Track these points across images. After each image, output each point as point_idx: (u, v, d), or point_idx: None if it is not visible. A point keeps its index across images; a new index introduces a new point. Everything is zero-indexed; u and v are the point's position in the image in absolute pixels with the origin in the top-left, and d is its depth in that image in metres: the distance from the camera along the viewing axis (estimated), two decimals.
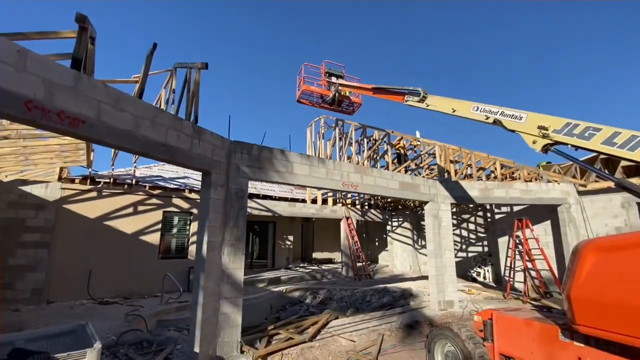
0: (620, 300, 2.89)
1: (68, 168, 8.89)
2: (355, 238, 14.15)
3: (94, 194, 9.12)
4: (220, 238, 4.88)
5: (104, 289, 8.74)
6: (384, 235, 18.00)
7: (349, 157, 14.93)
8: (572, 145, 4.38)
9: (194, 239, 10.49)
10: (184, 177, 12.44)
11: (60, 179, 8.69)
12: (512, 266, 9.87)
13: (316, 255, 18.48)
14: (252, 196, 12.31)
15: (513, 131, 5.14)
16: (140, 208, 9.79)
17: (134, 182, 9.75)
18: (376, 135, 13.92)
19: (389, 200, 15.62)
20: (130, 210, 9.62)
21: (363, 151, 14.47)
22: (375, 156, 14.37)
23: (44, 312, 7.22)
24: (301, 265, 16.10)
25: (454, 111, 5.79)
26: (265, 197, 12.84)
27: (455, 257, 10.30)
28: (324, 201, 14.43)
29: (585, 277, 3.23)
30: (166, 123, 4.20)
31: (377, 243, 19.26)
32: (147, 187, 9.97)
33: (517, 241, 10.09)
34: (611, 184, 8.34)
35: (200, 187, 10.72)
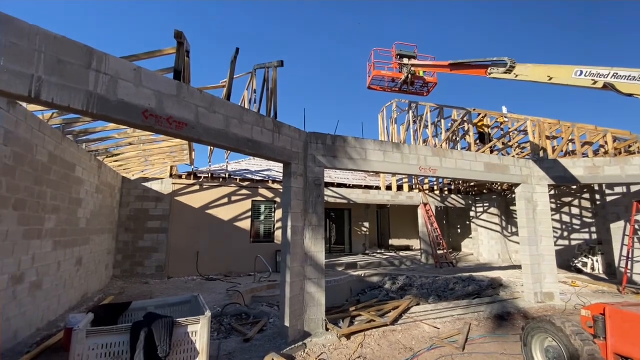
0: None
1: (176, 166, 10.56)
2: (435, 224, 13.55)
3: (196, 187, 10.64)
4: (302, 223, 5.25)
5: (208, 267, 10.22)
6: (467, 222, 16.78)
7: (424, 141, 14.23)
8: None
9: (278, 224, 11.44)
10: (267, 170, 13.52)
11: (171, 175, 10.37)
12: (630, 256, 8.30)
13: (392, 241, 18.27)
14: (327, 184, 12.74)
15: (630, 95, 4.33)
16: (233, 198, 11.09)
17: (227, 176, 11.08)
18: (455, 114, 12.93)
19: (472, 184, 14.45)
20: (225, 200, 10.97)
21: (440, 133, 13.63)
22: (454, 137, 13.38)
23: (165, 285, 8.80)
24: (378, 251, 16.13)
25: (550, 79, 5.09)
26: (339, 185, 13.16)
27: (555, 245, 9.11)
28: (399, 187, 14.10)
29: None
30: (251, 120, 4.66)
31: (459, 230, 18.09)
32: (237, 180, 11.23)
33: (637, 227, 8.41)
34: None
35: (280, 178, 11.54)
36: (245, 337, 4.86)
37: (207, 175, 10.84)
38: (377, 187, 13.84)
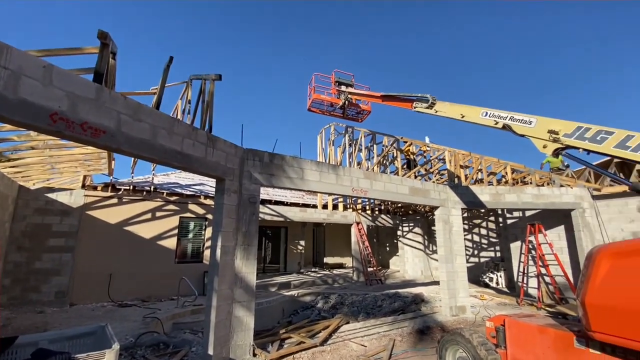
0: (636, 306, 2.86)
1: (91, 176, 9.32)
2: (366, 243, 14.16)
3: (114, 200, 9.50)
4: (233, 243, 5.04)
5: (123, 291, 9.05)
6: (395, 241, 17.91)
7: (359, 163, 15.02)
8: (584, 149, 4.38)
9: (209, 243, 10.75)
10: (199, 184, 12.77)
11: (83, 186, 9.10)
12: (525, 272, 9.71)
13: (327, 260, 18.54)
14: (265, 202, 12.53)
15: (523, 136, 5.15)
16: (158, 214, 10.14)
17: (152, 189, 10.12)
18: (385, 141, 13.98)
19: (400, 205, 15.58)
20: (149, 216, 9.97)
21: (373, 157, 14.55)
22: (385, 162, 14.41)
23: (67, 314, 7.52)
24: (312, 269, 16.18)
25: (463, 117, 5.83)
26: (277, 202, 13.03)
27: (467, 262, 10.21)
28: (335, 206, 14.52)
29: (600, 283, 3.21)
30: (182, 132, 4.41)
31: (387, 248, 19.17)
32: (164, 194, 10.32)
33: (530, 246, 9.93)
34: (626, 188, 8.15)
35: (213, 194, 11.00)
36: None
37: (128, 187, 9.78)
38: (314, 206, 14.06)
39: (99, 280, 8.86)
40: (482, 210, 13.55)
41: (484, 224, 13.65)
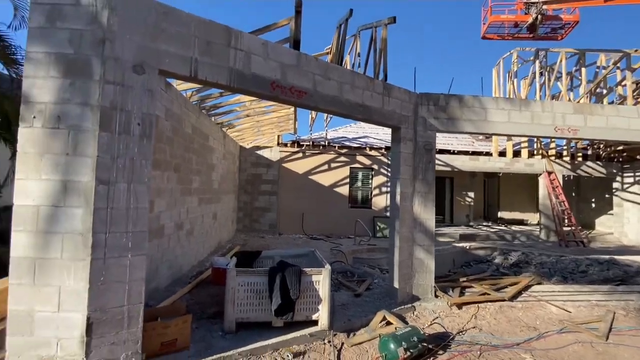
0: None
1: (281, 135, 11.44)
2: (561, 197, 11.57)
3: (299, 154, 11.42)
4: (410, 190, 5.13)
5: (312, 227, 11.14)
6: (607, 195, 13.78)
7: (553, 96, 11.87)
8: None
9: (376, 192, 11.57)
10: (364, 137, 13.49)
11: (278, 144, 11.33)
12: None
13: (502, 214, 16.40)
14: None
15: None
16: (332, 165, 11.58)
17: (326, 144, 11.53)
18: (603, 60, 10.23)
19: (620, 148, 11.59)
20: (326, 167, 11.54)
21: (579, 85, 11.07)
22: (600, 91, 10.72)
23: (278, 240, 9.97)
24: (484, 224, 14.79)
25: None
26: (441, 151, 12.24)
27: None
28: (516, 153, 12.32)
29: None
30: (361, 85, 4.61)
31: (593, 204, 15.07)
32: (336, 147, 11.60)
33: None
34: None
35: (378, 145, 11.42)
36: (355, 292, 5.19)
37: (308, 143, 11.46)
38: (488, 154, 12.40)
39: (294, 217, 11.15)
40: None
41: None
